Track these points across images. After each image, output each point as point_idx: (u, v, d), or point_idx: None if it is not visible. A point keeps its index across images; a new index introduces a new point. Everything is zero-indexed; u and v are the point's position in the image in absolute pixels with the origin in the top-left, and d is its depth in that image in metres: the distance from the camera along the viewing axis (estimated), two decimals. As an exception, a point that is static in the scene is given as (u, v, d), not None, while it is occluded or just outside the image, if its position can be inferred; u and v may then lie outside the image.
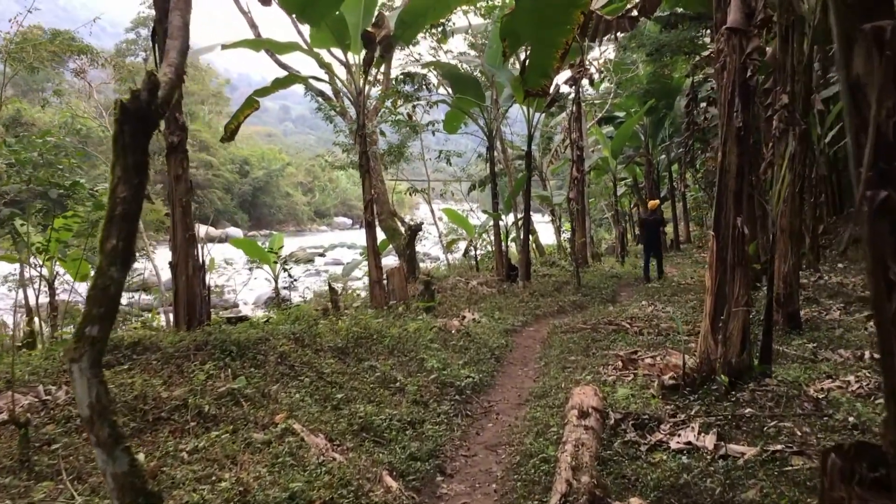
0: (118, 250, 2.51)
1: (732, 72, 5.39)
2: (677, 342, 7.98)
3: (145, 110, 2.48)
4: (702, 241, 26.53)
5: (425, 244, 24.19)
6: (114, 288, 2.52)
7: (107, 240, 2.50)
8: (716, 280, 5.67)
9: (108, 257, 2.50)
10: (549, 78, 7.33)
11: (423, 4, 9.38)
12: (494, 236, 14.74)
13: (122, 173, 2.50)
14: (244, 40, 9.47)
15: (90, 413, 2.54)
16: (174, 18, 3.06)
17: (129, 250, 2.54)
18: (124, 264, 2.54)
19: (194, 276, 6.46)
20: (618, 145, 19.88)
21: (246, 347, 5.61)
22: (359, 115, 9.99)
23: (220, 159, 60.43)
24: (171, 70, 2.76)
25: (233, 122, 10.68)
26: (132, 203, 2.51)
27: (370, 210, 10.13)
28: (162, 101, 2.55)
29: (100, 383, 2.55)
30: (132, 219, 2.54)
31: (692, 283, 13.86)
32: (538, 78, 7.33)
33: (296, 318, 7.22)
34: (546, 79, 7.30)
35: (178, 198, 6.36)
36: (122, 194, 2.50)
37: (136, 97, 2.46)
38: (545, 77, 7.32)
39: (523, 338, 8.99)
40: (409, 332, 7.45)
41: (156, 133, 2.91)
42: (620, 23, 9.58)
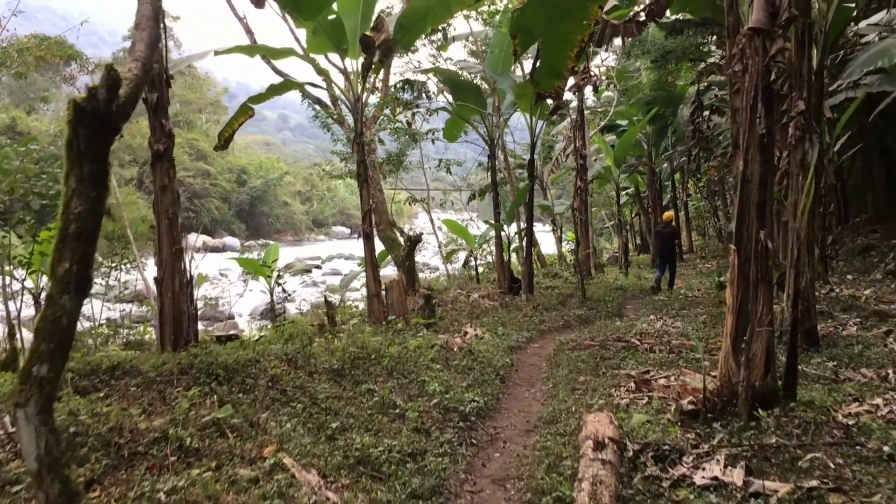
0: (72, 275, 2.13)
1: (755, 75, 5.04)
2: (691, 360, 7.61)
3: (104, 111, 2.11)
4: (704, 251, 26.21)
5: (424, 254, 23.82)
6: (66, 319, 2.14)
7: (58, 263, 2.13)
8: (737, 298, 5.30)
9: (59, 283, 2.12)
10: (563, 78, 6.93)
11: (422, 8, 9.05)
12: (496, 247, 14.38)
13: (77, 185, 2.12)
14: (238, 46, 9.13)
15: (38, 467, 2.16)
16: (143, 7, 2.70)
17: (85, 275, 2.16)
18: (79, 291, 2.17)
19: (181, 292, 6.08)
20: (621, 154, 19.58)
21: (234, 370, 5.23)
22: (356, 123, 9.63)
23: (217, 168, 60.13)
24: (137, 65, 2.39)
25: (227, 130, 10.35)
26: (88, 219, 2.14)
27: (368, 220, 9.76)
28: (125, 101, 2.19)
29: (50, 432, 2.17)
30: (89, 238, 2.16)
31: (700, 295, 13.51)
32: (550, 78, 6.94)
33: (289, 337, 6.83)
34: (559, 79, 6.90)
35: (165, 209, 5.99)
36: (76, 209, 2.12)
37: (93, 96, 2.10)
38: (558, 77, 6.92)
39: (528, 355, 8.61)
40: (409, 351, 7.06)
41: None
42: (628, 27, 9.24)
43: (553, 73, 6.77)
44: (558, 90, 7.06)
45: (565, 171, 22.57)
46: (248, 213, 63.34)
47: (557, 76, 6.85)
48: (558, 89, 7.05)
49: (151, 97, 5.85)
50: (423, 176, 19.14)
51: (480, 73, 13.48)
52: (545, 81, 6.85)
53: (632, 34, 9.47)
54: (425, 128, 16.89)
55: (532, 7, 6.18)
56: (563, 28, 6.21)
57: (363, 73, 9.19)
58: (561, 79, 6.89)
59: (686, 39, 13.49)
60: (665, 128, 21.09)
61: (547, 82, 6.86)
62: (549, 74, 6.77)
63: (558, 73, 6.78)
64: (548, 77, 6.79)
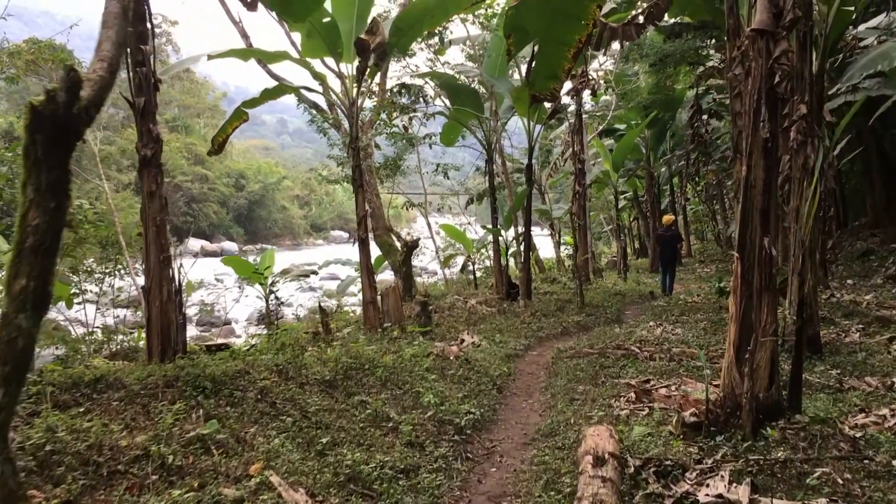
0: (28, 292, 1.97)
1: (758, 77, 4.89)
2: (691, 368, 7.47)
3: (64, 115, 1.96)
4: (703, 255, 26.08)
5: (422, 259, 23.66)
6: (22, 340, 1.98)
7: (14, 279, 1.96)
8: (740, 306, 5.14)
9: (15, 301, 1.96)
10: (559, 81, 6.72)
11: (418, 10, 8.91)
12: (494, 252, 14.21)
13: (35, 195, 1.97)
14: (231, 50, 8.98)
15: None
16: (110, 4, 2.55)
17: (43, 292, 2.00)
18: (36, 309, 2.00)
19: (169, 301, 5.92)
20: (619, 158, 19.45)
21: (222, 383, 5.06)
22: (352, 127, 9.49)
23: (215, 173, 60.00)
24: (102, 66, 2.24)
25: (220, 135, 10.19)
26: (47, 232, 1.98)
27: (364, 226, 9.61)
28: (88, 104, 2.03)
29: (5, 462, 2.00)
30: (47, 252, 2.00)
31: (699, 301, 13.35)
32: (546, 80, 6.73)
33: (281, 346, 6.66)
34: (555, 81, 6.69)
35: (152, 216, 5.83)
36: (33, 221, 1.96)
37: (52, 98, 1.94)
38: (554, 79, 6.72)
39: (526, 363, 8.44)
40: (405, 360, 6.90)
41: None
42: (626, 30, 9.10)
43: (549, 74, 6.55)
44: (554, 92, 6.83)
45: (563, 175, 22.44)
46: (247, 218, 63.19)
47: (554, 78, 6.62)
48: (554, 91, 6.82)
49: (139, 101, 5.70)
50: (420, 180, 18.98)
51: (478, 77, 13.34)
52: (541, 83, 6.63)
53: (630, 37, 9.34)
54: (423, 132, 16.76)
55: (527, 5, 5.96)
56: (560, 28, 6.00)
57: (358, 76, 9.04)
58: (557, 81, 6.67)
59: (685, 43, 13.37)
60: (664, 132, 20.97)
61: (543, 84, 6.64)
62: (545, 76, 6.55)
63: (554, 74, 6.55)
64: (544, 79, 6.57)
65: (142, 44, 5.61)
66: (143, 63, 5.65)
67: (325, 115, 13.75)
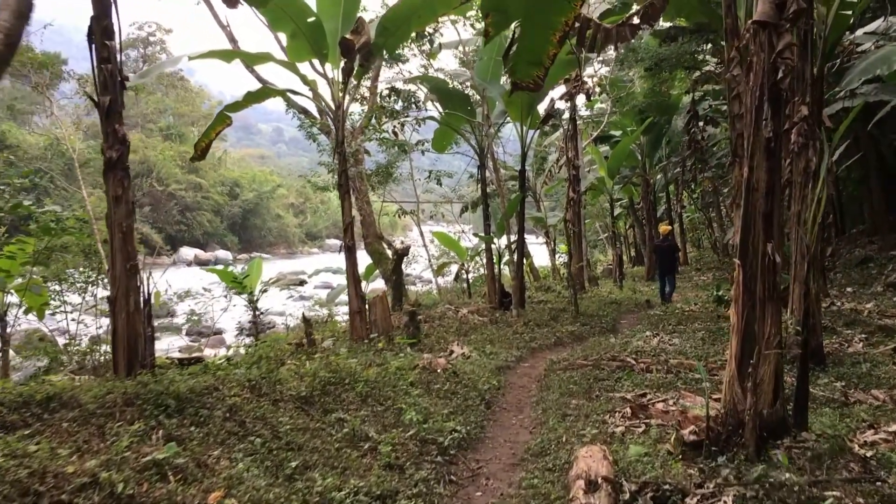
0: None
1: (760, 73, 4.59)
2: (689, 381, 7.14)
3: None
4: (700, 262, 25.79)
5: (415, 267, 23.31)
6: None
7: None
8: (742, 317, 4.83)
9: None
10: (543, 67, 6.29)
11: (405, 9, 8.61)
12: (487, 261, 13.88)
13: None
14: (212, 51, 8.67)
15: None
16: (16, -29, 2.24)
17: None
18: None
19: (136, 312, 5.57)
20: (615, 165, 19.18)
21: (187, 400, 4.71)
22: (337, 132, 9.18)
23: (209, 181, 59.69)
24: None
25: (203, 140, 9.88)
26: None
27: (350, 234, 9.28)
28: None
29: None
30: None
31: (697, 309, 13.05)
32: (528, 67, 6.28)
33: (258, 359, 6.31)
34: (539, 68, 6.25)
35: (118, 222, 5.48)
36: None
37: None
38: (537, 66, 6.27)
39: (518, 376, 8.09)
40: (389, 374, 6.55)
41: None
42: (621, 31, 8.80)
43: (532, 60, 6.15)
44: (537, 80, 6.43)
45: (559, 182, 22.17)
46: (241, 226, 62.82)
47: (537, 64, 6.22)
48: (537, 79, 6.41)
49: (104, 100, 5.36)
50: (412, 187, 18.68)
51: (470, 82, 13.06)
52: (522, 70, 6.23)
53: (626, 38, 9.04)
54: (415, 139, 16.47)
55: (507, -19, 5.60)
56: (543, 8, 5.60)
57: (344, 78, 8.74)
58: (540, 67, 6.27)
59: (681, 47, 13.12)
60: (659, 138, 20.71)
61: (524, 71, 6.24)
62: (526, 62, 6.16)
63: (538, 60, 6.15)
64: (525, 65, 6.17)
65: (107, 39, 5.28)
66: (109, 60, 5.32)
67: (315, 120, 13.42)
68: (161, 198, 54.18)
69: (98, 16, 5.28)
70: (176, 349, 17.56)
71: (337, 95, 9.10)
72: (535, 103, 11.63)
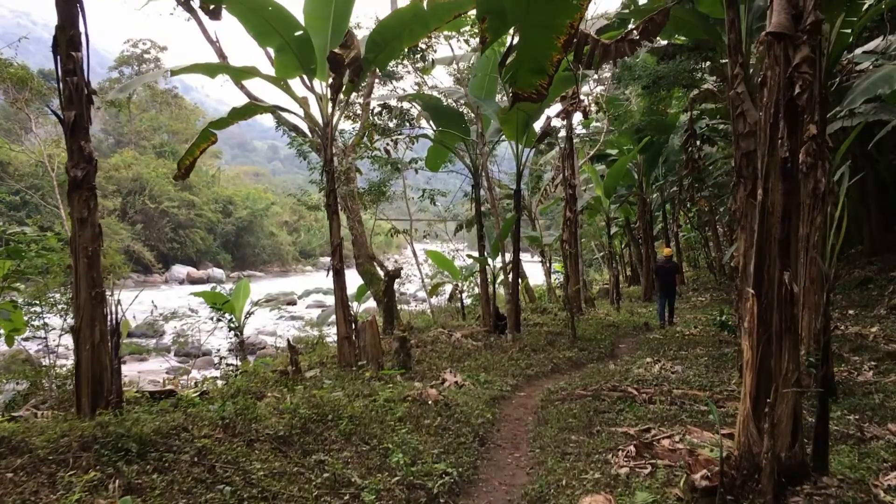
0: None
1: (775, 88, 4.25)
2: (695, 414, 6.75)
3: None
4: (697, 283, 25.43)
5: (409, 287, 22.91)
6: None
7: None
8: (757, 351, 4.45)
9: None
10: (547, 76, 5.83)
11: (396, 23, 8.30)
12: (481, 282, 13.50)
13: None
14: (196, 64, 8.34)
15: None
16: None
17: None
18: None
19: (102, 343, 5.16)
20: (611, 184, 18.91)
21: (151, 443, 4.28)
22: (326, 149, 8.83)
23: (202, 199, 59.30)
24: None
25: (187, 158, 9.51)
26: None
27: (338, 255, 8.89)
28: None
29: None
30: None
31: (698, 334, 12.67)
32: (530, 75, 5.79)
33: (235, 392, 5.88)
34: (541, 76, 5.77)
35: (83, 245, 5.08)
36: None
37: None
38: (539, 74, 5.78)
39: (513, 407, 7.67)
40: (376, 407, 6.14)
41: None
42: (620, 47, 8.52)
43: (534, 68, 5.68)
44: (540, 90, 5.97)
45: (555, 201, 21.88)
46: (235, 244, 62.31)
47: (539, 72, 5.75)
48: (540, 88, 5.95)
49: (68, 115, 4.98)
50: (405, 206, 18.33)
51: (464, 99, 12.75)
52: (524, 78, 5.76)
53: (625, 54, 8.75)
54: (408, 157, 16.14)
55: (505, -21, 5.14)
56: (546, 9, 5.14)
57: (332, 94, 8.40)
58: (543, 75, 5.80)
59: (679, 64, 12.85)
60: (656, 157, 20.48)
61: (526, 80, 5.77)
62: (528, 70, 5.69)
63: (540, 68, 5.69)
64: (527, 73, 5.71)
65: (73, 50, 4.92)
66: (75, 72, 4.95)
67: (306, 137, 13.07)
68: (154, 215, 53.80)
69: (63, 25, 4.92)
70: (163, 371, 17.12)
71: (326, 112, 8.77)
72: (530, 121, 11.33)
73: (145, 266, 51.14)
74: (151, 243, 52.94)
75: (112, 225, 47.68)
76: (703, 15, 10.43)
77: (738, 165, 7.92)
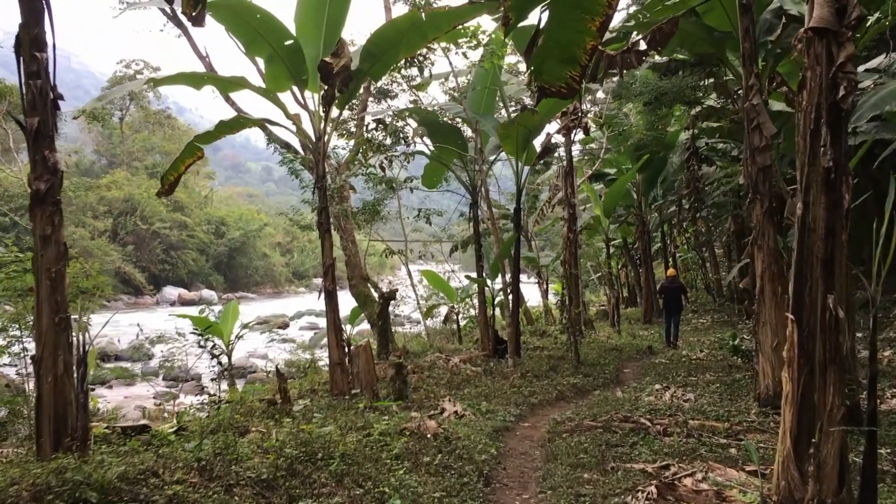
0: None
1: (816, 91, 3.83)
2: (715, 448, 6.25)
3: None
4: (696, 304, 24.98)
5: (404, 309, 22.35)
6: None
7: None
8: (798, 384, 3.98)
9: None
10: (579, 66, 5.13)
11: (393, 33, 7.91)
12: (479, 304, 12.99)
13: None
14: (181, 74, 7.92)
15: None
16: None
17: None
18: None
19: (66, 375, 4.63)
20: (611, 203, 18.55)
21: (115, 492, 3.75)
22: (317, 165, 8.38)
23: (195, 220, 58.69)
24: None
25: (171, 174, 9.05)
26: None
27: (330, 277, 8.41)
28: None
29: None
30: None
31: (704, 358, 12.20)
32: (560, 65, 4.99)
33: (217, 427, 5.35)
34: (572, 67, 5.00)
35: (47, 266, 4.57)
36: None
37: None
38: (570, 64, 5.02)
39: (518, 439, 7.14)
40: (370, 442, 5.61)
41: None
42: (626, 58, 8.16)
43: (564, 56, 5.01)
44: (571, 83, 5.28)
45: (552, 221, 21.47)
46: (227, 266, 61.55)
47: (570, 62, 5.04)
48: (571, 81, 5.26)
49: (31, 122, 4.50)
50: (401, 225, 17.88)
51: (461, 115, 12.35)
52: (551, 69, 5.09)
53: (631, 66, 8.40)
54: (403, 175, 15.72)
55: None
56: None
57: (324, 106, 7.97)
58: (575, 66, 5.09)
59: (682, 80, 12.53)
60: (655, 177, 20.17)
61: (555, 71, 5.11)
62: (557, 59, 5.04)
63: (572, 56, 5.02)
64: (555, 63, 5.05)
65: (37, 50, 4.46)
66: (39, 74, 4.49)
67: (297, 154, 12.62)
68: (145, 236, 53.19)
69: (27, 23, 4.47)
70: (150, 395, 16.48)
71: (317, 126, 8.33)
72: (531, 137, 10.93)
73: (136, 287, 50.42)
74: (142, 264, 52.25)
75: (103, 246, 47.04)
76: (708, 28, 10.12)
77: (755, 181, 7.53)
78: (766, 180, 7.42)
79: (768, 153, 7.44)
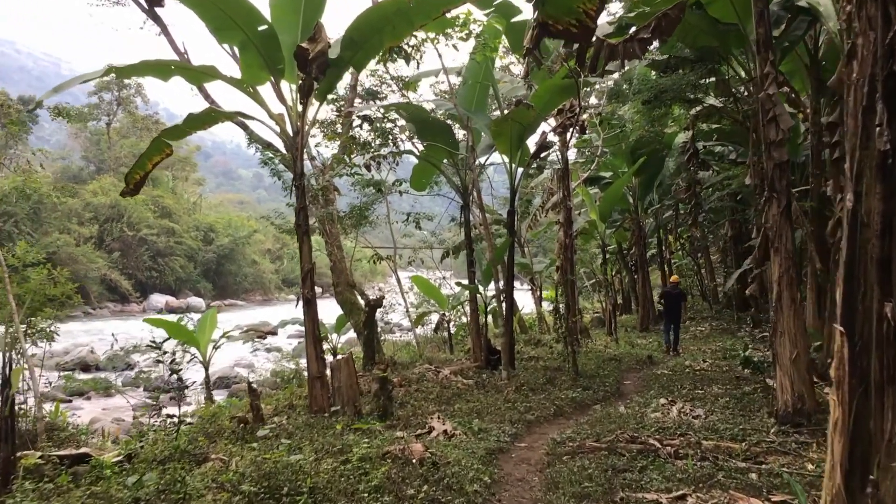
0: None
1: (870, 60, 3.22)
2: (733, 473, 5.60)
3: None
4: (692, 311, 24.41)
5: (393, 316, 21.67)
6: None
7: None
8: (850, 409, 3.35)
9: None
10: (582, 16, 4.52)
11: (376, 19, 7.26)
12: (471, 312, 12.33)
13: None
14: (144, 62, 7.24)
15: None
16: None
17: None
18: None
19: (-15, 398, 3.94)
20: (607, 207, 17.97)
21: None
22: (295, 161, 7.72)
23: (183, 226, 57.81)
24: None
25: (137, 172, 8.37)
26: None
27: (309, 284, 7.73)
28: None
29: None
30: None
31: (708, 368, 11.58)
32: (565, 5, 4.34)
33: (171, 455, 4.64)
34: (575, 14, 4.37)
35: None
36: None
37: None
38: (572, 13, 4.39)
39: (514, 463, 6.46)
40: (347, 472, 4.93)
41: None
42: (628, 48, 7.55)
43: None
44: (584, 21, 4.68)
45: (546, 226, 20.86)
46: (216, 272, 60.62)
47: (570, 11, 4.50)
48: (584, 18, 4.68)
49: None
50: (389, 230, 17.20)
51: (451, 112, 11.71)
52: (556, 6, 4.46)
53: (633, 55, 7.78)
54: (391, 178, 15.08)
55: None
56: None
57: (302, 98, 7.32)
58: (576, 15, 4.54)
59: (683, 77, 11.94)
60: (651, 180, 19.61)
61: (561, 4, 4.49)
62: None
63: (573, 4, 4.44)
64: (561, 3, 4.44)
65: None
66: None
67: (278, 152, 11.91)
68: (132, 243, 52.23)
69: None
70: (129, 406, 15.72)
71: (294, 120, 7.67)
72: (525, 135, 10.28)
73: (122, 295, 49.47)
74: (129, 271, 51.32)
75: (88, 252, 46.09)
76: (712, 20, 9.55)
77: (770, 178, 6.92)
78: (782, 177, 6.81)
79: (785, 148, 6.83)
